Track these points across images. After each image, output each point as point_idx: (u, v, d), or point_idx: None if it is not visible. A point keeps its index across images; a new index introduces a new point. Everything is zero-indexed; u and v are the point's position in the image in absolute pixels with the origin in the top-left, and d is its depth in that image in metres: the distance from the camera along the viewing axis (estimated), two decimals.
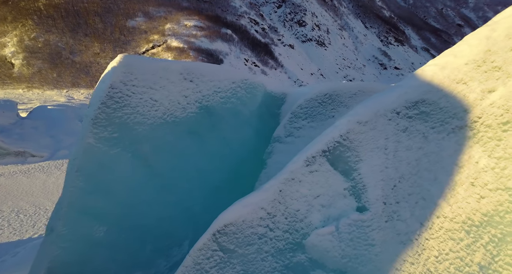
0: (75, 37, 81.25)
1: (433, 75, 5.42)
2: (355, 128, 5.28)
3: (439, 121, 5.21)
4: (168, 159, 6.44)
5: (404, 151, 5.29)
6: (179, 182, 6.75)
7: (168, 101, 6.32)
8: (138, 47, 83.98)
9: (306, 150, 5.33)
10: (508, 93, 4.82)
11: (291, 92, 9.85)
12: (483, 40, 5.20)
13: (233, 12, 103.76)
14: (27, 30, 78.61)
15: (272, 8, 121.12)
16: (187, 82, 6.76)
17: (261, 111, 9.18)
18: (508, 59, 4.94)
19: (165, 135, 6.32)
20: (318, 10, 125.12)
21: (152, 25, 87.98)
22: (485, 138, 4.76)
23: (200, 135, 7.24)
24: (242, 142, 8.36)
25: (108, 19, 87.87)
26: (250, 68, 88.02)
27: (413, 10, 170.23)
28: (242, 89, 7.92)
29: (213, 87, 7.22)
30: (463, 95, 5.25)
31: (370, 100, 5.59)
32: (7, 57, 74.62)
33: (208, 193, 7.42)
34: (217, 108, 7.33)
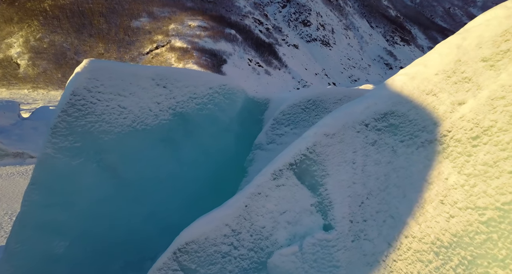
0: (79, 38, 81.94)
1: (403, 85, 5.21)
2: (322, 141, 5.09)
3: (408, 135, 5.00)
4: (139, 168, 6.31)
5: (373, 165, 5.08)
6: (152, 192, 6.61)
7: (139, 108, 6.19)
8: (142, 48, 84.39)
9: (273, 162, 5.16)
10: (478, 106, 4.59)
11: (274, 98, 9.68)
12: (453, 50, 4.97)
13: (237, 12, 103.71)
14: (33, 31, 79.46)
15: (277, 8, 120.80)
16: (159, 88, 6.63)
17: (242, 117, 9.02)
18: (478, 70, 4.70)
19: (135, 144, 6.20)
20: (323, 9, 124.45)
21: (156, 25, 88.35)
22: (455, 153, 4.55)
23: (175, 143, 7.10)
24: (222, 149, 8.21)
25: (113, 19, 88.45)
26: (254, 69, 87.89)
27: (419, 9, 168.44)
28: (220, 95, 7.76)
29: (188, 93, 7.08)
30: (433, 108, 5.03)
31: (339, 111, 5.40)
32: (13, 57, 75.53)
33: (184, 202, 7.28)
34: (193, 115, 7.19)
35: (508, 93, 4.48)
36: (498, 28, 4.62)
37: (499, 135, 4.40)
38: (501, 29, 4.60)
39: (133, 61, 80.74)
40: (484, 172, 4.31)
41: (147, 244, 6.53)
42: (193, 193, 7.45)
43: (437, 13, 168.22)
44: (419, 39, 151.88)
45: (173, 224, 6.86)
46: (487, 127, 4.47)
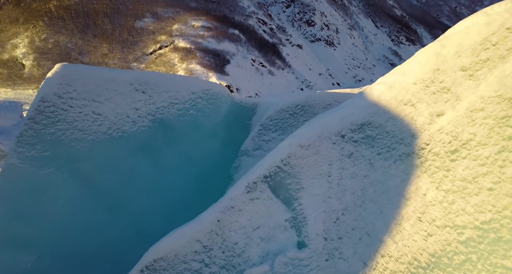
0: (84, 38, 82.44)
1: (381, 95, 4.99)
2: (297, 152, 4.90)
3: (385, 147, 4.79)
4: (116, 177, 6.17)
5: (349, 178, 4.88)
6: (130, 202, 6.45)
7: (115, 115, 6.05)
8: (146, 48, 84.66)
9: (248, 174, 4.98)
10: (457, 118, 4.37)
11: (262, 103, 9.50)
12: (432, 58, 4.74)
13: (241, 12, 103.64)
14: (38, 32, 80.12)
15: (281, 8, 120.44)
16: (138, 93, 6.48)
17: (228, 123, 8.85)
18: (457, 80, 4.48)
19: (112, 152, 6.05)
20: (328, 9, 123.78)
21: (160, 25, 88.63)
22: (433, 167, 4.33)
23: (155, 150, 6.95)
24: (206, 156, 8.05)
25: (117, 20, 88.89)
26: (257, 69, 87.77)
27: (425, 8, 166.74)
28: (204, 100, 7.60)
29: (169, 98, 6.92)
30: (411, 119, 4.81)
31: (315, 121, 5.21)
32: (18, 58, 76.21)
33: (167, 211, 7.12)
34: (174, 121, 7.04)
35: (487, 105, 4.25)
36: (478, 36, 4.39)
37: (478, 149, 4.17)
38: (481, 37, 4.37)
39: (137, 61, 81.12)
40: (463, 188, 4.09)
41: (124, 256, 6.36)
42: (175, 201, 7.29)
43: (443, 13, 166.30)
44: (424, 38, 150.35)
45: (154, 233, 6.68)
46: (466, 141, 4.25)
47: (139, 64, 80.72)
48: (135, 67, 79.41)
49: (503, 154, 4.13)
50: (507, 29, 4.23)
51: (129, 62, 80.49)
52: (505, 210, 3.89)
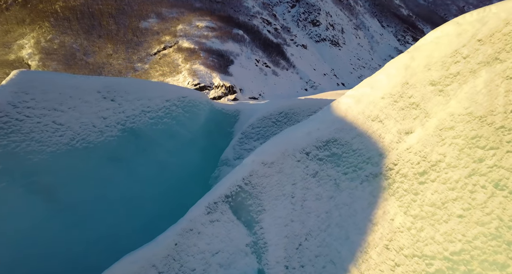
0: (89, 39, 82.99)
1: (348, 109, 4.67)
2: (260, 171, 4.60)
3: (352, 166, 4.47)
4: (82, 190, 5.95)
5: (314, 200, 4.57)
6: (98, 216, 6.23)
7: (79, 124, 5.82)
8: (150, 48, 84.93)
9: (209, 194, 4.71)
10: (426, 137, 4.05)
11: (245, 109, 9.22)
12: (401, 70, 4.41)
13: (245, 13, 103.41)
14: (44, 32, 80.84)
15: (286, 8, 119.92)
16: (106, 101, 6.25)
17: (209, 131, 8.59)
18: (426, 95, 4.15)
19: (75, 163, 5.84)
20: (333, 9, 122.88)
21: (164, 26, 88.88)
22: (401, 190, 4.02)
23: (127, 160, 6.73)
24: (184, 165, 7.81)
25: (122, 20, 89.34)
26: (261, 69, 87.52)
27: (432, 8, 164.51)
28: (179, 108, 7.34)
29: (140, 106, 6.68)
30: (378, 136, 4.48)
31: (279, 136, 4.91)
32: (24, 58, 76.98)
33: (140, 224, 6.88)
34: (146, 130, 6.80)
35: (457, 123, 3.93)
36: (448, 47, 4.06)
37: (448, 172, 3.86)
38: (451, 49, 4.03)
39: (141, 62, 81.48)
40: (432, 214, 3.78)
41: (93, 272, 6.13)
42: (150, 213, 7.05)
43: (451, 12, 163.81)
44: None
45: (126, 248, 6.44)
46: (435, 162, 3.93)
47: (143, 64, 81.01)
48: (139, 67, 79.75)
49: (473, 177, 3.80)
50: (479, 41, 3.89)
51: (133, 63, 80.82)
52: (476, 240, 3.57)
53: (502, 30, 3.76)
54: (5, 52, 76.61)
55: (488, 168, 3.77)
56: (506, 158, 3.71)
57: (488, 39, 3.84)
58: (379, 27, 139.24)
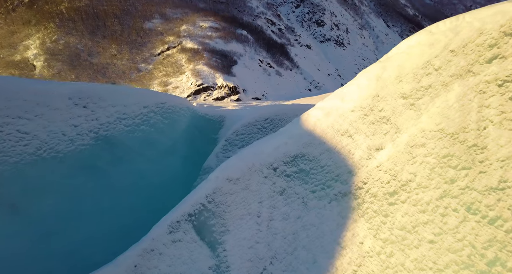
0: (93, 39, 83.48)
1: (316, 122, 4.42)
2: (224, 187, 4.36)
3: (320, 184, 4.21)
4: (50, 201, 5.76)
5: (280, 220, 4.32)
6: (70, 228, 6.03)
7: (47, 133, 5.62)
8: (154, 49, 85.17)
9: (172, 212, 4.49)
10: (396, 154, 3.78)
11: (230, 115, 8.99)
12: (372, 82, 4.13)
13: (249, 13, 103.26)
14: (49, 33, 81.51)
15: (290, 8, 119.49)
16: (78, 108, 6.04)
17: (191, 137, 8.38)
18: (397, 108, 3.88)
19: (43, 174, 5.65)
20: (338, 9, 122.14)
21: (168, 26, 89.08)
22: (371, 211, 3.75)
23: (101, 170, 6.54)
24: (164, 175, 7.59)
25: (126, 21, 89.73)
26: (265, 70, 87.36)
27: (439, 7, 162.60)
28: (157, 114, 7.13)
29: (115, 113, 6.47)
30: (348, 152, 4.21)
31: (247, 150, 4.67)
32: (29, 59, 77.71)
33: (116, 236, 6.68)
34: (121, 139, 6.59)
35: (428, 140, 3.65)
36: (420, 58, 3.78)
37: (419, 193, 3.59)
38: (423, 60, 3.76)
39: (145, 62, 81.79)
40: (402, 239, 3.52)
41: None
42: (126, 224, 6.85)
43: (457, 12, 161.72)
44: None
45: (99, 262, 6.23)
46: (406, 182, 3.66)
47: (147, 65, 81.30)
48: (143, 68, 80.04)
49: (444, 200, 3.53)
50: (451, 51, 3.61)
51: (137, 63, 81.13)
52: (447, 269, 3.30)
53: (475, 40, 3.48)
54: (11, 53, 77.38)
55: (460, 189, 3.50)
56: (479, 179, 3.43)
57: (461, 50, 3.56)
58: (384, 27, 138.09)
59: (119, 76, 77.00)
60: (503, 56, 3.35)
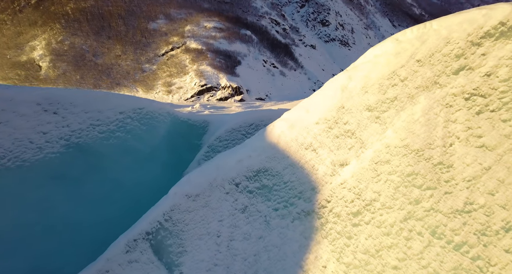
0: (98, 40, 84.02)
1: (281, 135, 4.16)
2: (182, 204, 4.13)
3: (283, 202, 3.96)
4: (14, 214, 5.55)
5: (241, 240, 4.07)
6: (35, 242, 5.82)
7: (12, 140, 5.43)
8: (158, 49, 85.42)
9: (130, 230, 4.28)
10: (361, 171, 3.51)
11: (215, 120, 8.76)
12: (338, 92, 3.86)
13: (254, 13, 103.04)
14: (55, 34, 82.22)
15: (295, 8, 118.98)
16: (48, 114, 5.85)
17: (173, 144, 8.17)
18: (362, 122, 3.60)
19: (6, 185, 5.45)
20: (343, 9, 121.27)
21: (172, 27, 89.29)
22: (334, 233, 3.49)
23: (74, 179, 6.34)
24: (143, 183, 7.37)
25: (131, 21, 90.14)
26: (269, 70, 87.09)
27: (446, 7, 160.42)
28: (134, 120, 6.91)
29: (88, 119, 6.26)
30: (312, 167, 3.95)
31: (209, 164, 4.43)
32: (35, 59, 78.49)
33: (87, 250, 6.46)
34: (95, 146, 6.38)
35: (393, 156, 3.38)
36: (386, 68, 3.51)
37: (383, 213, 3.32)
38: (389, 70, 3.48)
39: (149, 62, 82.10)
40: (365, 263, 3.26)
41: None
42: (101, 237, 6.63)
43: None
44: None
45: None
46: (370, 201, 3.40)
47: (151, 65, 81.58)
48: (147, 68, 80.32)
49: (409, 222, 3.26)
50: (417, 61, 3.33)
51: (141, 64, 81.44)
52: None
53: (442, 50, 3.20)
54: (18, 54, 78.21)
55: (425, 211, 3.22)
56: (444, 201, 3.15)
57: (428, 60, 3.28)
58: (390, 27, 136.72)
59: (123, 77, 77.38)
60: (470, 67, 3.07)
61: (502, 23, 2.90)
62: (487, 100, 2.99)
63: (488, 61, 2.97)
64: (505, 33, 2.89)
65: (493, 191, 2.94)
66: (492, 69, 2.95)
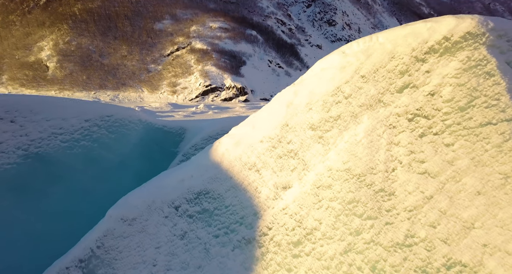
0: (105, 40, 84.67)
1: (225, 153, 3.86)
2: (117, 229, 3.84)
3: (224, 228, 3.65)
4: None
5: (178, 270, 3.77)
6: None
7: None
8: (163, 50, 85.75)
9: (65, 256, 4.02)
10: (303, 195, 3.19)
11: (192, 127, 8.50)
12: (283, 108, 3.54)
13: (259, 13, 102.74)
14: (62, 34, 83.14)
15: (301, 8, 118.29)
16: (4, 123, 5.65)
17: (147, 152, 7.94)
18: (305, 141, 3.28)
19: None
20: (350, 8, 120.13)
21: (178, 27, 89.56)
22: (274, 264, 3.18)
23: (35, 191, 6.14)
24: (113, 193, 7.13)
25: (137, 22, 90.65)
26: (274, 70, 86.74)
27: (456, 6, 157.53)
28: (102, 128, 6.68)
29: (50, 128, 6.05)
30: (255, 190, 3.63)
31: (149, 184, 4.16)
32: (43, 60, 79.47)
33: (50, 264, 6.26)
34: (57, 156, 6.17)
35: (335, 181, 3.06)
36: (331, 84, 3.19)
37: (323, 244, 3.01)
38: (333, 86, 3.16)
39: (154, 63, 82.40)
40: None
41: None
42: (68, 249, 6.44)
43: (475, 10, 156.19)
44: None
45: None
46: (311, 230, 3.09)
47: (157, 65, 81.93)
48: (152, 68, 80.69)
49: (349, 255, 2.94)
50: (362, 77, 3.01)
51: (146, 64, 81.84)
52: None
53: (386, 65, 2.88)
54: (26, 54, 79.28)
55: (365, 243, 2.90)
56: (385, 232, 2.83)
57: (372, 76, 2.96)
58: None
59: (129, 77, 77.87)
60: (414, 85, 2.73)
61: (446, 38, 2.56)
62: (431, 122, 2.66)
63: (432, 79, 2.63)
64: (449, 49, 2.56)
65: (435, 223, 2.62)
66: (436, 88, 2.61)
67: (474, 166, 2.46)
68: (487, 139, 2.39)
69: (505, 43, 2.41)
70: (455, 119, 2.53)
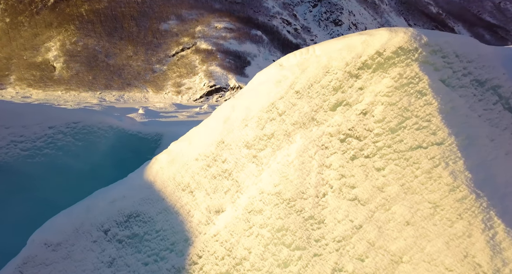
0: (110, 41, 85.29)
1: (159, 171, 3.56)
2: (39, 256, 3.53)
3: (153, 254, 3.34)
4: None
5: None
6: None
7: None
8: (169, 50, 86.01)
9: None
10: (234, 221, 2.87)
11: (167, 133, 8.23)
12: (220, 123, 3.22)
13: (265, 13, 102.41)
14: (69, 35, 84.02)
15: (307, 8, 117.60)
16: None
17: (120, 159, 7.68)
18: (240, 160, 2.96)
19: None
20: (356, 8, 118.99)
21: (183, 27, 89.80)
22: None
23: None
24: None
25: (143, 22, 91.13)
26: None
27: (465, 5, 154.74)
28: (67, 136, 6.43)
29: (9, 136, 5.83)
30: (187, 213, 3.31)
31: (79, 204, 3.88)
32: (50, 60, 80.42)
33: None
34: (17, 165, 5.95)
35: (266, 206, 2.76)
36: (266, 99, 2.87)
37: None
38: (268, 102, 2.85)
39: (159, 63, 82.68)
40: None
41: None
42: None
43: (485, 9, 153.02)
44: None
45: None
46: (240, 260, 2.79)
47: (162, 66, 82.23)
48: (157, 69, 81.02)
49: None
50: (296, 93, 2.70)
51: (152, 64, 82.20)
52: None
53: (321, 81, 2.56)
54: (33, 55, 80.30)
55: None
56: (312, 265, 2.51)
57: (306, 91, 2.65)
58: (405, 26, 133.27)
59: (134, 77, 78.29)
60: (348, 103, 2.41)
61: (379, 53, 2.24)
62: (362, 143, 2.34)
63: (365, 97, 2.31)
64: (381, 64, 2.23)
65: (363, 256, 2.31)
66: (368, 106, 2.29)
67: (404, 193, 2.15)
68: (417, 163, 2.08)
69: (439, 60, 2.08)
70: (386, 142, 2.21)
